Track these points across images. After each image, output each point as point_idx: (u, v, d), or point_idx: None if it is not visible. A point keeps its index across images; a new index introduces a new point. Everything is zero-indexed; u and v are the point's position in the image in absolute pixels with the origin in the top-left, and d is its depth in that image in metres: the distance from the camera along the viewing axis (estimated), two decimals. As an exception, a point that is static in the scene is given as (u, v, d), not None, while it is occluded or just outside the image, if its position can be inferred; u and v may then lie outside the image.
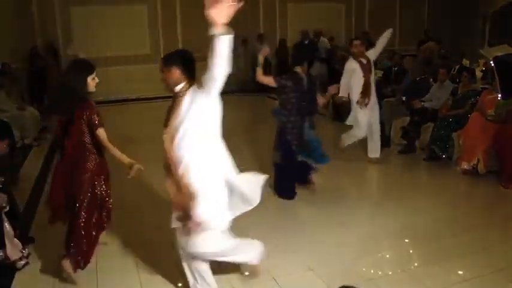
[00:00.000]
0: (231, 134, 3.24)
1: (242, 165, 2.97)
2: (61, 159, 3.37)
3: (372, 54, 5.67)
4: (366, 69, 5.50)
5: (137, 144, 6.36)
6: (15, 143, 6.59)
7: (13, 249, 3.39)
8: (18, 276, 3.37)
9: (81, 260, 3.23)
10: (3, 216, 3.41)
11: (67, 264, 3.18)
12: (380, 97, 6.08)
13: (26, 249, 3.56)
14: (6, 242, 3.33)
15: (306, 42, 11.23)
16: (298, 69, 4.68)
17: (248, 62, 12.59)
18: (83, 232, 3.22)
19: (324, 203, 4.68)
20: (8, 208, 3.53)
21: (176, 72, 2.77)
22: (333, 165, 5.89)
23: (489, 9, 13.31)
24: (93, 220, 3.30)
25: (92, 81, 3.32)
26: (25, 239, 3.70)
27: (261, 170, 3.12)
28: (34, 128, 7.58)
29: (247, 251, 3.07)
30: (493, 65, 5.21)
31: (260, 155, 6.00)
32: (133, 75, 10.66)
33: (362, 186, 5.49)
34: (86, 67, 3.34)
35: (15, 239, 3.49)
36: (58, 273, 3.27)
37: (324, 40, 11.97)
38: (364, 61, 5.52)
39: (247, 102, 11.50)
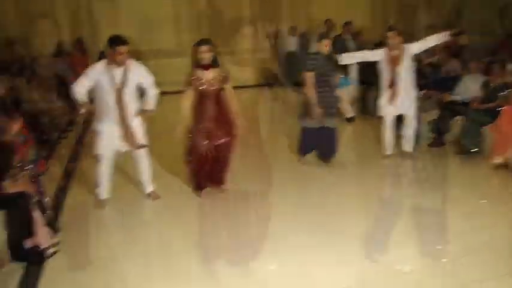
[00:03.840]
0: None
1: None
2: None
3: (414, 48, 5.29)
4: (392, 61, 5.23)
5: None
6: (44, 134, 6.71)
7: (43, 238, 3.45)
8: (48, 263, 3.42)
9: None
10: (33, 205, 3.47)
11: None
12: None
13: (56, 237, 3.62)
14: (37, 230, 3.38)
15: None
16: None
17: (276, 55, 12.45)
18: None
19: (349, 193, 4.68)
20: (37, 198, 3.59)
21: None
22: (363, 158, 5.85)
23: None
24: None
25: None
26: (53, 228, 3.76)
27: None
28: (62, 120, 7.70)
29: None
30: None
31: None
32: (160, 68, 10.67)
33: (392, 179, 5.42)
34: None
35: (45, 227, 3.55)
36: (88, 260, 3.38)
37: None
38: (396, 52, 5.21)
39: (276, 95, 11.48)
